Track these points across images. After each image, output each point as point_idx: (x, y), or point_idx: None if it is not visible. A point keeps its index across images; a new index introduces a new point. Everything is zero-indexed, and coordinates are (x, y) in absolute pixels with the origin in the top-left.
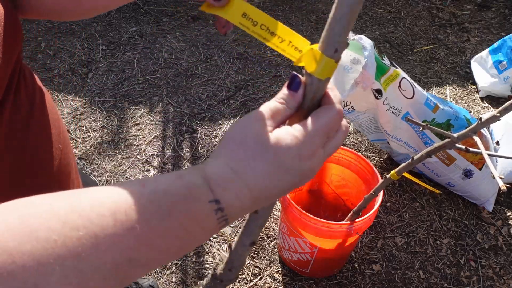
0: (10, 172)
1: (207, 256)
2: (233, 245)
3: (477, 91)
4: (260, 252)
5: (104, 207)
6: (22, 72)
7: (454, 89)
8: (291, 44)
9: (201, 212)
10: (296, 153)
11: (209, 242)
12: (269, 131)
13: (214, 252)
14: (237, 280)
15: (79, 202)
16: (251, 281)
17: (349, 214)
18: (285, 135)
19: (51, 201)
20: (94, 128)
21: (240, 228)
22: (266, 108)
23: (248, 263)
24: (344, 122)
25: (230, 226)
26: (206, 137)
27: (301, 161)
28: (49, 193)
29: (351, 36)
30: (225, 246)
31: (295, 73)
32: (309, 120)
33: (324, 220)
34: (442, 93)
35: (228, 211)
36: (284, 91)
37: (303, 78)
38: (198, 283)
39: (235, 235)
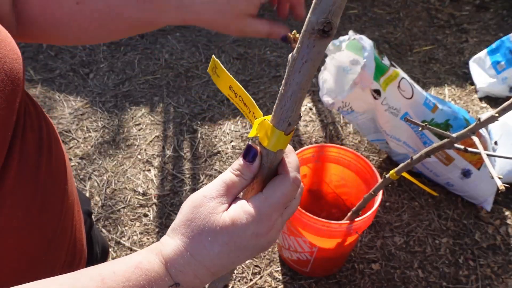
0: (17, 229)
1: None
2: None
3: (476, 92)
4: None
5: None
6: (27, 111)
7: (452, 89)
8: (252, 113)
9: None
10: (253, 232)
11: None
12: (224, 209)
13: None
14: (237, 279)
15: None
16: (251, 280)
17: (349, 214)
18: (240, 214)
19: None
20: (95, 128)
21: None
22: (221, 181)
23: (248, 262)
24: (300, 184)
25: None
26: (206, 137)
27: (258, 239)
28: (52, 236)
29: (352, 35)
30: None
31: (251, 144)
32: (265, 195)
33: (324, 220)
34: (441, 93)
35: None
36: (239, 161)
37: (258, 148)
38: None
39: None
